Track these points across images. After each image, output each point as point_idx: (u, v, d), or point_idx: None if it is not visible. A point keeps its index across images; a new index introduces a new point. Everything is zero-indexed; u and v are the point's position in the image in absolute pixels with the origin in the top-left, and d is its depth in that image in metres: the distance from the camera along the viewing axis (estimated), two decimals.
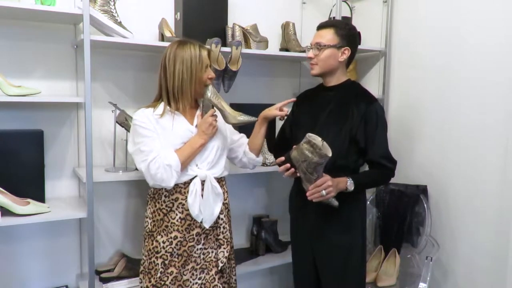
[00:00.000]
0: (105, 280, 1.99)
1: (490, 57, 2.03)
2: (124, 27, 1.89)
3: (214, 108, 1.74)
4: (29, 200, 1.76)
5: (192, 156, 1.68)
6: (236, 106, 2.39)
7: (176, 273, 1.69)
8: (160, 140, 1.65)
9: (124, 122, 1.98)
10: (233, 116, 1.76)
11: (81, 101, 1.81)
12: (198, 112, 1.76)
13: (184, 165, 1.66)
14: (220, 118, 1.78)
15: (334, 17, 2.44)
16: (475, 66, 2.09)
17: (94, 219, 1.87)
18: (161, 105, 1.69)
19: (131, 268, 2.05)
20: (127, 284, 2.02)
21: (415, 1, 2.41)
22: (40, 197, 1.84)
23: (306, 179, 1.65)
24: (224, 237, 1.79)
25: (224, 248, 1.78)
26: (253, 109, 2.40)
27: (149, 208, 1.76)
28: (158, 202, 1.71)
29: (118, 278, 2.01)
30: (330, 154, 1.56)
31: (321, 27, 1.83)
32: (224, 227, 1.80)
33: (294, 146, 1.65)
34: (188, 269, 1.72)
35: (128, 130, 1.98)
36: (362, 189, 1.83)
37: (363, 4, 2.71)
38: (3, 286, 1.97)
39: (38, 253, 2.04)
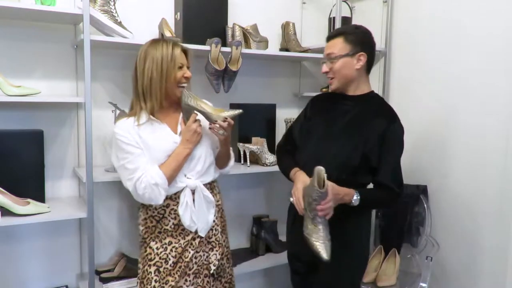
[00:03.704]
0: (105, 280, 1.99)
1: (490, 57, 2.03)
2: (124, 27, 1.89)
3: (195, 112, 1.65)
4: (29, 200, 1.76)
5: (178, 169, 1.61)
6: (236, 106, 2.40)
7: (172, 281, 1.62)
8: (145, 155, 1.59)
9: None
10: (216, 115, 1.66)
11: (81, 101, 1.81)
12: (181, 119, 1.69)
13: (171, 179, 1.60)
14: (203, 120, 1.68)
15: (334, 17, 2.44)
16: (475, 66, 2.09)
17: (94, 219, 1.87)
18: (141, 113, 1.61)
19: (131, 268, 2.05)
20: (127, 284, 2.02)
21: (415, 1, 2.41)
22: (40, 197, 1.84)
23: (306, 217, 1.57)
24: (216, 239, 1.75)
25: (216, 251, 1.74)
26: (253, 109, 2.42)
27: (141, 215, 1.71)
28: (150, 209, 1.66)
29: (118, 278, 2.01)
30: (324, 191, 1.48)
31: (329, 38, 1.73)
32: (215, 229, 1.75)
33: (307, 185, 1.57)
34: (181, 275, 1.66)
35: None
36: (366, 207, 1.70)
37: (363, 4, 2.71)
38: (3, 286, 1.97)
39: (38, 253, 2.04)
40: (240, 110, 1.71)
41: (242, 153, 2.31)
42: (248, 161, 2.29)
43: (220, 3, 2.20)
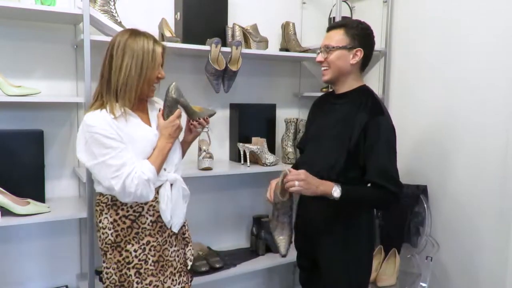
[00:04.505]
0: None
1: (490, 57, 2.03)
2: (124, 27, 1.89)
3: (180, 108, 1.59)
4: (29, 200, 1.76)
5: (163, 164, 1.54)
6: (236, 106, 2.41)
7: (156, 281, 1.55)
8: (128, 149, 1.46)
9: None
10: (198, 113, 1.62)
11: (81, 101, 1.81)
12: (159, 112, 1.58)
13: (158, 173, 1.52)
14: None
15: (334, 17, 2.44)
16: (475, 66, 2.09)
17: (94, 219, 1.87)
18: (114, 106, 1.47)
19: None
20: None
21: (415, 1, 2.41)
22: (40, 197, 1.84)
23: (272, 213, 1.72)
24: (189, 235, 1.72)
25: (190, 246, 1.71)
26: (253, 109, 2.42)
27: (106, 218, 1.53)
28: (122, 209, 1.52)
29: None
30: (285, 199, 1.64)
31: (330, 28, 1.70)
32: (187, 225, 1.71)
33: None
34: (167, 275, 1.58)
35: None
36: (351, 203, 1.62)
37: (363, 4, 2.71)
38: (3, 286, 1.97)
39: (38, 253, 2.04)
40: (215, 110, 1.71)
41: (242, 153, 2.31)
42: (248, 161, 2.29)
43: (220, 3, 2.20)
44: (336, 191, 1.54)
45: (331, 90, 1.83)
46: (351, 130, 1.60)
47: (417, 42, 2.39)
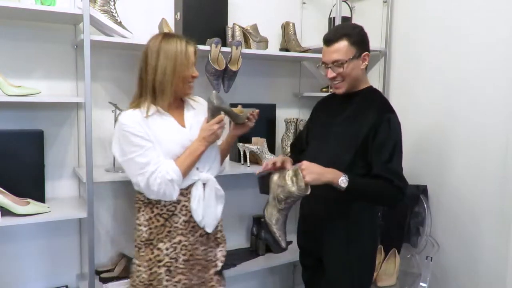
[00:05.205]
0: (105, 280, 1.99)
1: (490, 57, 2.03)
2: (124, 27, 1.89)
3: (223, 114, 1.63)
4: (29, 200, 1.76)
5: (192, 165, 1.58)
6: (236, 106, 2.40)
7: (185, 279, 1.61)
8: (155, 148, 1.53)
9: None
10: (241, 116, 1.67)
11: (81, 101, 1.81)
12: (204, 120, 1.64)
13: (185, 175, 1.56)
14: (201, 117, 1.66)
15: (334, 17, 2.44)
16: (475, 66, 2.09)
17: (94, 219, 1.87)
18: (148, 105, 1.56)
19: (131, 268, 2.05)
20: (127, 284, 2.00)
21: (415, 1, 2.41)
22: (40, 197, 1.84)
23: (271, 205, 1.63)
24: (222, 235, 1.75)
25: (222, 247, 1.74)
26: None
27: (143, 214, 1.61)
28: (156, 208, 1.59)
29: (118, 278, 2.01)
30: (308, 192, 1.52)
31: (331, 41, 1.63)
32: (221, 225, 1.75)
33: (279, 171, 1.62)
34: (194, 273, 1.65)
35: None
36: (357, 195, 1.60)
37: (363, 4, 2.71)
38: (3, 286, 1.97)
39: (38, 253, 2.04)
40: (256, 110, 1.74)
41: (242, 153, 2.31)
42: (248, 161, 2.29)
43: (220, 3, 2.20)
44: (343, 181, 1.53)
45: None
46: (359, 128, 1.62)
47: (417, 42, 2.39)
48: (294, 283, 2.77)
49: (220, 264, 1.72)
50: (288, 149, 2.46)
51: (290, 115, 2.58)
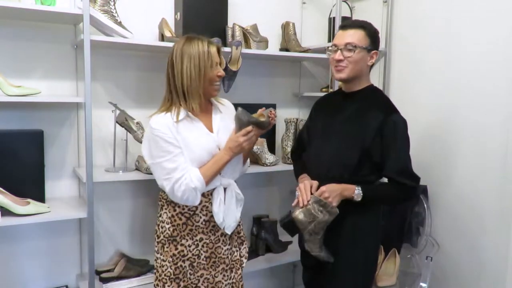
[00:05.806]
0: (105, 280, 1.99)
1: (490, 57, 2.03)
2: (124, 27, 1.89)
3: (251, 127, 1.63)
4: (29, 200, 1.76)
5: (216, 174, 1.62)
6: (236, 106, 2.40)
7: (207, 274, 1.68)
8: (183, 154, 1.57)
9: (124, 122, 1.98)
10: (265, 121, 1.68)
11: (81, 101, 1.81)
12: (232, 130, 1.66)
13: (208, 183, 1.61)
14: (228, 121, 1.70)
15: (334, 17, 2.44)
16: (475, 66, 2.09)
17: (94, 219, 1.87)
18: (179, 110, 1.59)
19: (131, 268, 2.05)
20: (127, 284, 2.02)
21: (415, 1, 2.41)
22: (40, 197, 1.84)
23: (311, 241, 1.63)
24: (243, 234, 1.84)
25: (246, 245, 1.83)
26: (253, 109, 2.40)
27: (165, 212, 1.68)
28: (179, 206, 1.65)
29: (118, 278, 2.01)
30: (338, 212, 1.58)
31: (349, 26, 1.65)
32: (242, 224, 1.84)
33: (300, 208, 1.60)
34: (219, 271, 1.71)
35: (128, 130, 1.98)
36: (372, 202, 1.67)
37: (363, 4, 2.71)
38: (3, 286, 1.97)
39: (38, 253, 2.04)
40: (272, 108, 1.74)
41: None
42: (248, 161, 2.29)
43: (220, 3, 2.20)
44: (358, 195, 1.60)
45: (339, 89, 1.84)
46: (364, 128, 1.63)
47: (417, 42, 2.39)
48: (294, 283, 2.77)
49: (245, 261, 1.81)
50: (288, 149, 2.47)
51: (290, 115, 2.58)
